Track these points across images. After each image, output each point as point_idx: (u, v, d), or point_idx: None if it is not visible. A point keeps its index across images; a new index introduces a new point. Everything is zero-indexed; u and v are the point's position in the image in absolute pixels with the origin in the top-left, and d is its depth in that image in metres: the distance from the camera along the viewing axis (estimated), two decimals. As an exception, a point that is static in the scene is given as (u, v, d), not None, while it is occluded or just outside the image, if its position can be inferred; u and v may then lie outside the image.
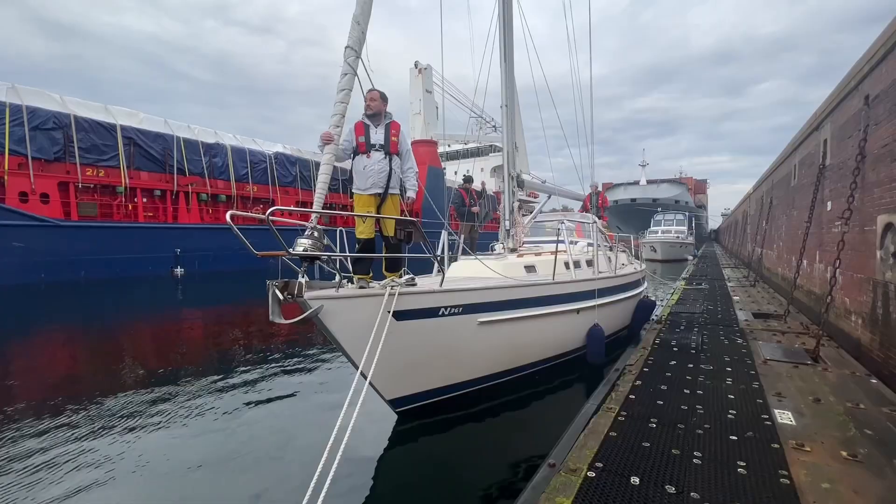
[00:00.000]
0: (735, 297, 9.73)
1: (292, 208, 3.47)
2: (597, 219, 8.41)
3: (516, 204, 6.06)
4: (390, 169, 3.94)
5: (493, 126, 40.65)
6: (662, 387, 3.95)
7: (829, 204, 6.33)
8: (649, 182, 55.80)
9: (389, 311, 3.16)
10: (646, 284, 8.17)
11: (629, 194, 51.48)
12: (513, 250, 6.02)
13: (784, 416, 3.28)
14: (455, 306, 3.73)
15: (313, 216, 2.99)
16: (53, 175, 16.96)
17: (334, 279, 3.28)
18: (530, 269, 5.22)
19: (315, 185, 3.51)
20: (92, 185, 18.39)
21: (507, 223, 5.95)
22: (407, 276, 3.83)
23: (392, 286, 3.30)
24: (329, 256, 3.00)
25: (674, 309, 8.14)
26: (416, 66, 38.67)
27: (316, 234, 2.90)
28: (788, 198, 9.53)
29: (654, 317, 7.54)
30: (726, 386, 3.97)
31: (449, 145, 41.81)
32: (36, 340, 7.76)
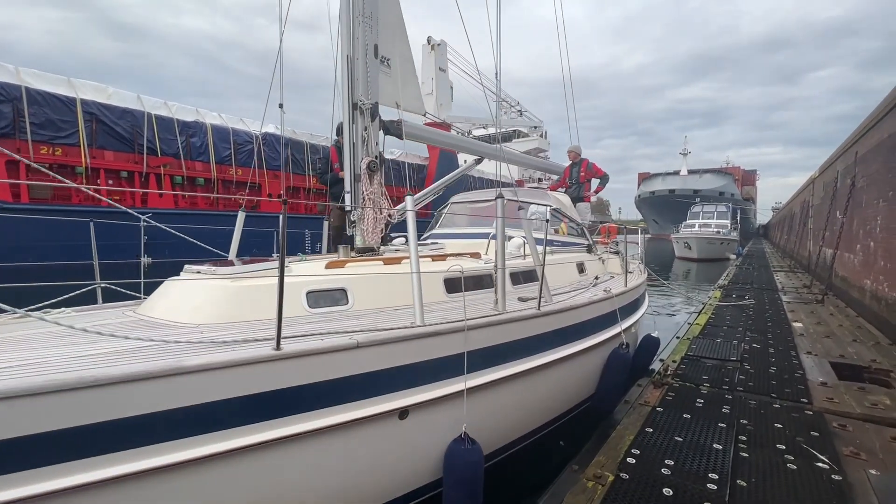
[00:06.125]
0: (796, 324, 6.48)
1: None
2: (563, 198, 5.37)
3: (364, 162, 3.12)
4: None
5: (519, 111, 37.39)
6: None
7: None
8: (691, 172, 50.48)
9: None
10: (644, 310, 5.01)
11: (668, 185, 46.94)
12: (366, 251, 3.17)
13: None
14: None
15: None
16: (0, 153, 15.42)
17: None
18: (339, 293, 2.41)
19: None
20: (47, 165, 16.82)
21: (350, 204, 3.10)
22: None
23: None
24: None
25: (693, 348, 5.04)
26: (428, 42, 35.79)
27: None
28: (890, 173, 6.15)
29: (654, 367, 4.51)
30: None
31: (469, 132, 38.80)
32: None
